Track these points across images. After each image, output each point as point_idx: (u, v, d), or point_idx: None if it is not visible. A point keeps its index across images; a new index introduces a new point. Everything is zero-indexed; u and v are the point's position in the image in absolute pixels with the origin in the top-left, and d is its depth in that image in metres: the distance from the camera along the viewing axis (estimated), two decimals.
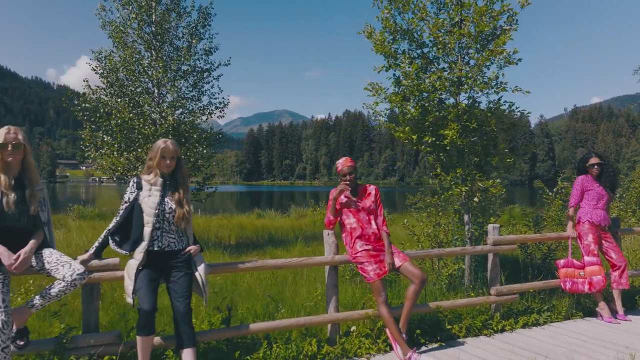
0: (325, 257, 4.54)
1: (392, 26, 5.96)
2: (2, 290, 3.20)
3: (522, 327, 5.19)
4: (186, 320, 3.55)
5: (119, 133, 10.46)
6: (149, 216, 3.65)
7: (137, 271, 3.57)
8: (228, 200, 59.57)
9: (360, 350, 4.37)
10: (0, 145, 3.36)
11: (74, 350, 3.52)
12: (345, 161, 4.52)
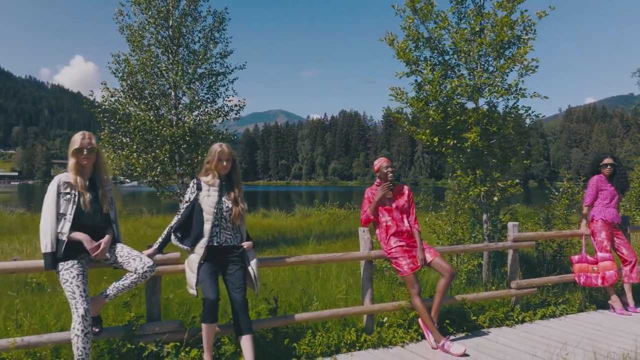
0: (361, 252, 4.88)
1: (415, 35, 6.30)
2: (82, 281, 3.52)
3: (541, 319, 5.55)
4: (243, 309, 3.88)
5: (138, 135, 10.76)
6: (208, 214, 3.97)
7: (199, 265, 3.89)
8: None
9: (395, 338, 4.71)
10: (76, 150, 3.67)
11: (142, 338, 3.83)
12: (387, 162, 4.85)
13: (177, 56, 11.49)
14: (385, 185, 4.79)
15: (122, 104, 10.99)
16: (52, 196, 3.54)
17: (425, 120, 6.50)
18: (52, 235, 3.48)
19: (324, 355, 4.34)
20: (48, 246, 3.46)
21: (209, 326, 3.80)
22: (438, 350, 4.50)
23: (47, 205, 3.54)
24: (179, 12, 11.41)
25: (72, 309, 3.45)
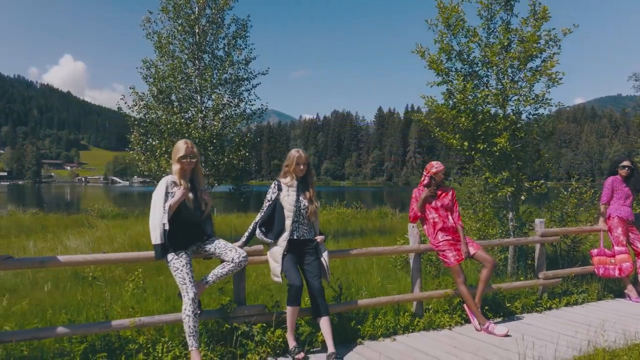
0: (411, 245, 5.47)
1: (447, 48, 6.91)
2: (190, 269, 4.07)
3: (565, 306, 6.17)
4: (321, 294, 4.45)
5: (167, 138, 11.27)
6: (288, 211, 4.54)
7: (283, 256, 4.46)
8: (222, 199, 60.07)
9: (442, 322, 5.30)
10: (181, 157, 4.22)
11: (234, 319, 4.39)
12: (442, 168, 5.40)
13: (202, 62, 12.01)
14: (432, 188, 5.36)
15: (151, 108, 11.48)
16: (161, 194, 4.07)
17: (455, 126, 7.11)
18: (161, 229, 4.01)
19: (384, 336, 4.92)
20: (157, 238, 3.99)
21: (293, 309, 4.37)
22: (482, 332, 5.09)
23: (156, 203, 4.07)
24: (205, 19, 11.92)
25: (183, 292, 4.00)
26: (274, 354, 4.35)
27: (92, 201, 51.66)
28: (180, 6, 11.54)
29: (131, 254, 4.24)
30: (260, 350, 4.28)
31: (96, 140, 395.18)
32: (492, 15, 6.96)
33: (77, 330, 3.89)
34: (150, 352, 4.02)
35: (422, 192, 5.41)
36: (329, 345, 4.30)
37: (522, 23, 6.75)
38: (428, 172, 5.44)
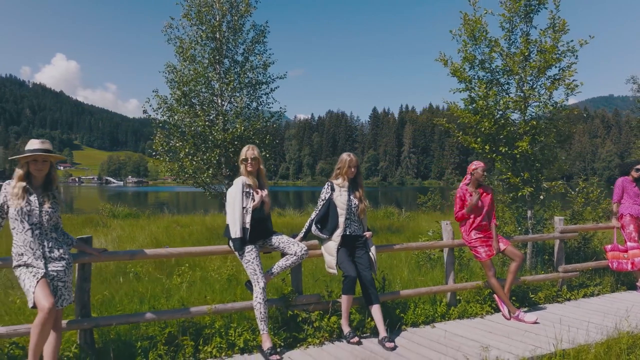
0: (445, 241, 5.95)
1: (471, 57, 7.40)
2: (259, 261, 4.54)
3: (583, 297, 6.68)
4: (372, 284, 4.92)
5: (190, 140, 11.71)
6: (341, 210, 5.00)
7: (337, 250, 4.92)
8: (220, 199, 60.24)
9: (474, 311, 5.78)
10: (243, 160, 4.70)
11: (295, 307, 4.85)
12: (482, 166, 5.83)
13: (223, 66, 12.45)
14: (478, 195, 5.74)
15: (175, 111, 11.90)
16: (239, 194, 4.54)
17: (477, 130, 7.60)
18: (240, 224, 4.48)
19: (424, 323, 5.41)
20: (237, 232, 4.46)
21: (349, 297, 4.84)
22: (512, 320, 5.58)
23: (235, 201, 4.53)
24: (225, 25, 12.34)
25: (254, 282, 4.47)
26: (330, 339, 4.82)
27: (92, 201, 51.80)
28: (203, 13, 11.96)
29: (208, 248, 4.72)
30: (318, 335, 4.75)
31: (89, 140, 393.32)
32: (513, 27, 7.48)
33: (163, 316, 4.35)
34: (223, 336, 4.48)
35: (467, 193, 5.80)
36: (380, 330, 4.77)
37: (541, 34, 7.27)
38: (469, 171, 5.88)
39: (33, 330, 3.42)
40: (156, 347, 4.17)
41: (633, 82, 21.55)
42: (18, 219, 3.62)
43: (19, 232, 3.64)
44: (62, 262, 3.75)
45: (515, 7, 7.32)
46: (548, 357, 4.35)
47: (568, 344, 4.55)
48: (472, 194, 5.79)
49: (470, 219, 5.81)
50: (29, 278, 3.53)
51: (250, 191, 4.65)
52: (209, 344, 4.37)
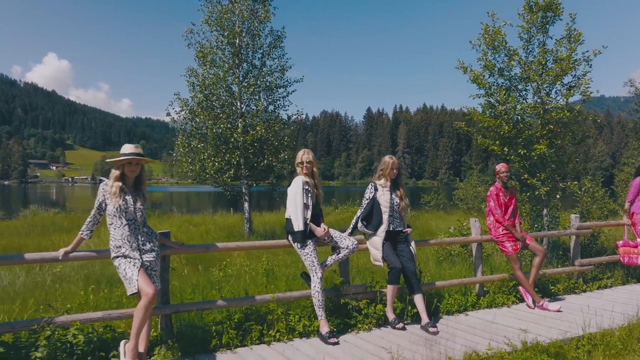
0: (474, 236, 6.45)
1: (491, 65, 7.93)
2: (316, 254, 5.01)
3: (597, 289, 7.20)
4: (414, 275, 5.41)
5: (212, 142, 12.16)
6: (385, 207, 5.49)
7: (382, 244, 5.40)
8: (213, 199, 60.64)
9: (501, 301, 6.28)
10: (299, 163, 5.17)
11: (345, 296, 5.33)
12: (504, 167, 6.34)
13: (241, 71, 12.91)
14: (521, 236, 6.22)
15: (196, 114, 12.34)
16: (300, 191, 5.01)
17: (495, 133, 8.12)
18: (302, 219, 4.95)
19: (457, 312, 5.90)
20: (300, 226, 4.93)
21: (394, 287, 5.33)
22: (536, 309, 6.09)
23: (297, 198, 4.99)
24: (245, 31, 12.80)
25: (312, 273, 4.94)
26: (377, 325, 5.30)
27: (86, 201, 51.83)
28: (224, 20, 12.41)
29: (272, 242, 5.26)
30: (367, 321, 5.23)
31: (82, 140, 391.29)
32: (530, 37, 8.01)
33: (232, 303, 4.82)
34: (284, 321, 4.95)
35: (499, 192, 6.29)
36: (423, 317, 5.26)
37: (557, 44, 7.81)
38: (496, 172, 6.39)
39: (137, 313, 3.87)
40: (227, 332, 4.64)
41: (630, 85, 22.25)
42: (116, 215, 4.07)
43: (117, 227, 4.10)
44: (153, 254, 4.21)
45: (532, 18, 7.84)
46: (577, 339, 4.85)
47: (594, 328, 5.06)
48: (502, 191, 6.30)
49: (496, 216, 6.31)
50: (129, 267, 3.98)
51: (309, 189, 5.12)
52: (272, 329, 4.84)
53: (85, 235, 4.19)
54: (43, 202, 41.39)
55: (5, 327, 4.00)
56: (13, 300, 6.19)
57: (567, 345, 4.64)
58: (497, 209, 6.33)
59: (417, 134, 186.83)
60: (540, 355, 4.32)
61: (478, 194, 21.29)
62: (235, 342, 4.62)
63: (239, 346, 4.63)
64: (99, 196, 4.15)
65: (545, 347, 4.49)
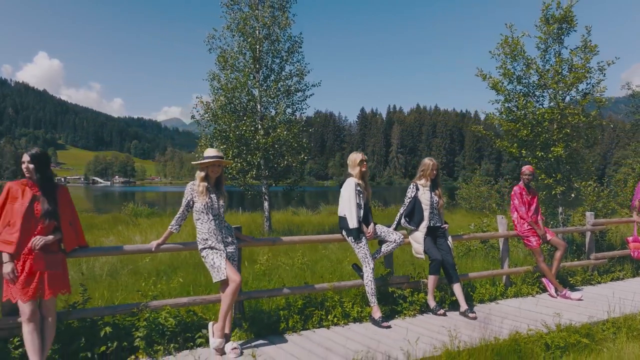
0: (501, 232, 7.03)
1: (510, 74, 8.52)
2: (368, 247, 5.54)
3: (611, 281, 7.80)
4: (453, 266, 5.96)
5: (234, 143, 12.66)
6: (425, 205, 6.04)
7: (424, 238, 5.95)
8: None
9: (526, 291, 6.86)
10: (360, 162, 5.69)
11: (390, 285, 5.88)
12: (527, 169, 6.91)
13: (261, 74, 13.43)
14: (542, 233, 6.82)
15: (218, 117, 12.85)
16: (352, 192, 5.53)
17: (513, 137, 8.71)
18: (356, 217, 5.47)
19: (489, 300, 6.47)
20: (355, 224, 5.46)
21: (435, 277, 5.88)
22: (559, 298, 6.66)
23: (350, 198, 5.50)
24: (265, 37, 13.33)
25: (365, 264, 5.47)
26: (420, 311, 5.85)
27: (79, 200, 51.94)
28: (246, 26, 12.93)
29: (329, 236, 5.76)
30: (411, 308, 5.78)
31: (74, 140, 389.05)
32: (547, 47, 8.62)
33: (295, 291, 5.36)
34: (339, 307, 5.49)
35: (523, 191, 6.86)
36: (462, 304, 5.82)
37: (572, 54, 8.42)
38: (521, 174, 6.97)
39: (225, 298, 4.40)
40: (292, 316, 5.17)
41: (628, 87, 23.00)
42: (204, 211, 4.60)
43: (203, 222, 4.62)
44: (234, 246, 4.75)
45: (549, 30, 8.45)
46: (602, 323, 5.43)
47: (616, 313, 5.64)
48: (525, 190, 6.88)
49: (521, 213, 6.89)
50: (217, 257, 4.50)
51: (361, 190, 5.65)
52: (331, 314, 5.38)
53: (174, 229, 4.70)
54: None
55: (108, 311, 4.51)
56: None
57: (594, 328, 5.22)
58: (521, 207, 6.90)
59: (410, 134, 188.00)
60: (574, 335, 4.89)
61: (481, 194, 21.92)
62: (299, 325, 5.16)
63: (302, 329, 5.16)
64: (186, 195, 4.67)
65: (577, 329, 5.07)
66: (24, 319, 3.80)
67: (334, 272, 7.56)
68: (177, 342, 4.55)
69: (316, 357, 4.32)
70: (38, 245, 3.86)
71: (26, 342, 3.80)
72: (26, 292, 3.80)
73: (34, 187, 3.99)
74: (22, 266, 3.83)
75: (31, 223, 3.89)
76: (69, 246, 4.14)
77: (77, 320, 4.35)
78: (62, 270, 4.06)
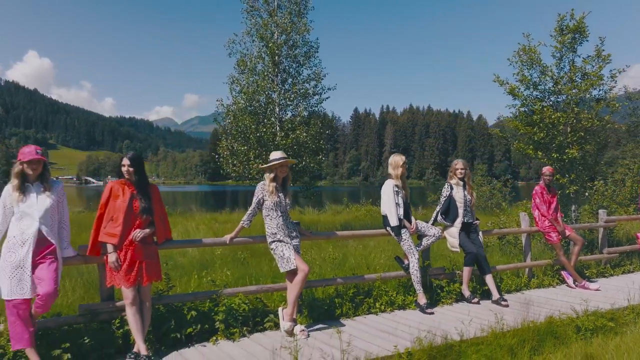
0: (524, 228, 7.60)
1: (527, 80, 9.12)
2: (411, 240, 6.08)
3: (622, 273, 8.40)
4: (485, 259, 6.51)
5: (255, 144, 13.16)
6: (459, 203, 6.59)
7: (459, 233, 6.50)
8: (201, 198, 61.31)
9: (547, 283, 7.43)
10: (402, 164, 6.22)
11: (430, 276, 6.43)
12: (547, 171, 7.48)
13: (279, 78, 13.95)
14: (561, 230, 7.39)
15: (239, 119, 13.34)
16: (392, 193, 6.06)
17: (529, 139, 9.30)
18: (396, 215, 6.01)
19: (515, 290, 7.03)
20: (395, 222, 5.99)
21: (470, 269, 6.44)
22: (577, 288, 7.24)
23: (390, 198, 6.05)
24: (283, 42, 13.84)
25: (410, 256, 6.01)
26: (456, 300, 6.40)
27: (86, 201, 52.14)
28: (267, 32, 13.45)
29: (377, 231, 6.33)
30: (448, 297, 6.33)
31: (65, 140, 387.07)
32: (562, 55, 9.23)
33: (348, 280, 5.89)
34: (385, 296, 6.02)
35: (544, 190, 7.44)
36: (494, 293, 6.38)
37: (584, 62, 9.04)
38: (540, 174, 7.55)
39: (295, 285, 4.92)
40: (345, 304, 5.70)
41: (625, 90, 23.72)
42: (273, 208, 5.11)
43: (272, 218, 5.13)
44: (297, 240, 5.27)
45: (563, 39, 9.05)
46: (623, 309, 6.01)
47: (635, 301, 6.22)
48: (545, 190, 7.46)
49: (542, 211, 7.46)
50: (286, 249, 5.02)
51: (399, 190, 6.18)
52: (378, 302, 5.92)
53: (245, 225, 5.21)
54: None
55: (190, 297, 5.02)
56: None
57: (617, 313, 5.80)
58: (542, 205, 7.48)
59: (403, 134, 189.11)
60: (600, 319, 5.46)
61: (483, 193, 22.51)
62: (350, 312, 5.69)
63: (354, 316, 5.69)
64: (257, 194, 5.18)
65: (603, 314, 5.64)
66: (127, 302, 4.30)
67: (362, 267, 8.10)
68: (248, 325, 5.06)
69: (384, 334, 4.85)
70: (138, 237, 4.36)
71: (130, 322, 4.30)
72: (128, 279, 4.31)
73: (132, 187, 4.49)
74: (124, 256, 4.33)
75: (131, 218, 4.39)
76: (160, 238, 4.64)
77: (163, 305, 4.84)
78: (156, 260, 4.57)
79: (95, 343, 4.29)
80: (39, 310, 3.99)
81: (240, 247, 9.85)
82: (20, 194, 4.07)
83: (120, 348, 4.42)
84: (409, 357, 4.27)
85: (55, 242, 4.14)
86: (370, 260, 8.73)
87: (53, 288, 3.94)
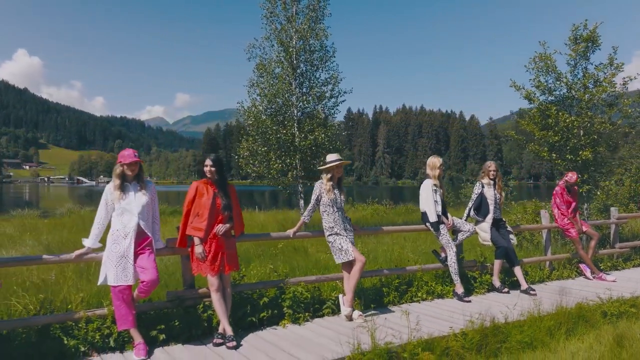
0: (544, 224, 8.19)
1: (544, 86, 9.72)
2: (448, 235, 6.63)
3: (633, 267, 9.01)
4: (514, 252, 7.08)
5: (274, 146, 13.69)
6: (490, 200, 7.15)
7: (490, 229, 7.07)
8: None
9: (566, 275, 8.02)
10: (439, 166, 6.76)
11: (464, 268, 6.98)
12: (571, 176, 8.06)
13: (296, 81, 14.48)
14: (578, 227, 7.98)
15: (260, 121, 13.86)
16: (430, 191, 6.61)
17: (544, 142, 9.91)
18: (434, 213, 6.56)
19: (539, 282, 7.61)
20: (434, 218, 6.54)
21: (501, 261, 7.01)
22: (595, 280, 7.83)
23: (429, 196, 6.60)
24: (301, 46, 14.38)
25: (448, 249, 6.55)
26: (487, 290, 6.97)
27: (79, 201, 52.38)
28: (286, 38, 13.98)
29: (417, 227, 6.85)
30: (480, 287, 6.89)
31: (56, 139, 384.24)
32: (576, 63, 9.86)
33: (393, 272, 6.44)
34: (425, 286, 6.57)
35: (564, 192, 8.02)
36: (522, 284, 6.94)
37: (597, 69, 9.67)
38: (564, 177, 8.13)
39: (354, 274, 5.45)
40: (391, 293, 6.25)
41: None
42: (330, 204, 5.64)
43: (330, 214, 5.66)
44: (352, 233, 5.80)
45: (577, 48, 9.68)
46: None
47: None
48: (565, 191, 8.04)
49: (563, 210, 8.04)
50: (344, 242, 5.55)
51: (436, 189, 6.73)
52: (420, 291, 6.47)
53: (306, 220, 5.74)
54: (58, 200, 41.88)
55: (259, 285, 5.54)
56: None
57: (638, 300, 6.39)
58: (562, 204, 8.07)
59: (397, 134, 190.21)
60: (624, 305, 6.05)
61: None
62: (396, 300, 6.23)
63: (399, 303, 6.23)
64: (316, 192, 5.70)
65: (625, 300, 6.23)
66: (213, 289, 4.81)
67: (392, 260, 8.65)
68: (309, 311, 5.59)
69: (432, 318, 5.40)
70: (221, 231, 4.88)
71: (216, 307, 4.82)
72: (213, 268, 4.82)
73: (213, 186, 5.00)
74: (209, 248, 4.84)
75: (214, 214, 4.90)
76: (237, 232, 5.16)
77: (236, 293, 5.36)
78: (235, 252, 5.09)
79: (183, 325, 4.79)
80: (142, 294, 4.50)
81: (274, 243, 10.37)
82: (121, 192, 4.58)
83: (205, 330, 4.93)
84: (464, 336, 4.82)
85: (150, 235, 4.64)
86: (397, 255, 9.29)
87: (156, 275, 4.45)
